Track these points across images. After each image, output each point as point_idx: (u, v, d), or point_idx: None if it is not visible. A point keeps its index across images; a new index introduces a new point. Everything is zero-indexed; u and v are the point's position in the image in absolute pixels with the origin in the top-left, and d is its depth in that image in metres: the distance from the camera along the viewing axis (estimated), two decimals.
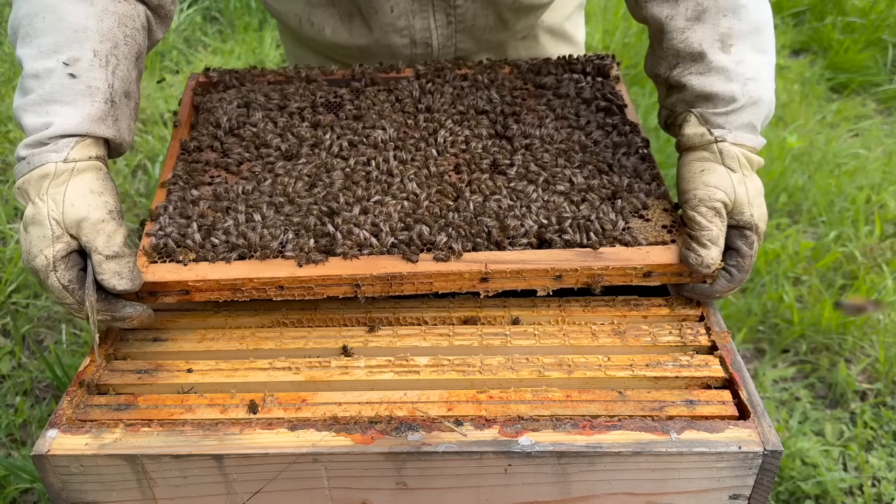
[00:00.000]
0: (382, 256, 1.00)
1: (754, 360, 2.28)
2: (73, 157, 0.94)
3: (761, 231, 1.00)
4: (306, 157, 1.16)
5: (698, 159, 1.02)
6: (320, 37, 1.42)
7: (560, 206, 1.06)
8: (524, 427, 0.88)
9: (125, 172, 2.98)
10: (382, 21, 1.36)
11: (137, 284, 0.95)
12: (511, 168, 1.13)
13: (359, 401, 0.92)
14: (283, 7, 1.41)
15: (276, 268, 0.98)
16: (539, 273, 0.99)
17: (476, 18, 1.39)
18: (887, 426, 2.06)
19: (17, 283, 2.36)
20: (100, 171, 0.97)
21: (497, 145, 1.18)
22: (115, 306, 0.96)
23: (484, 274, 0.99)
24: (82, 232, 0.92)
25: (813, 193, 2.85)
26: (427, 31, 1.39)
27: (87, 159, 0.95)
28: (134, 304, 0.98)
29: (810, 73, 3.68)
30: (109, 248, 0.92)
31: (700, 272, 0.99)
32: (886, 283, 2.42)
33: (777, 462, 0.86)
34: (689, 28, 1.04)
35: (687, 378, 0.95)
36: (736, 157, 1.00)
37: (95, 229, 0.92)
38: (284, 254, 1.00)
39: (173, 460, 0.86)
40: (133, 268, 0.94)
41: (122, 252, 0.93)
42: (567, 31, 1.59)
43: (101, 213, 0.93)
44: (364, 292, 1.00)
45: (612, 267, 0.99)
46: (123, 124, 1.01)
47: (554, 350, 1.00)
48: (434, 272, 0.98)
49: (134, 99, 1.04)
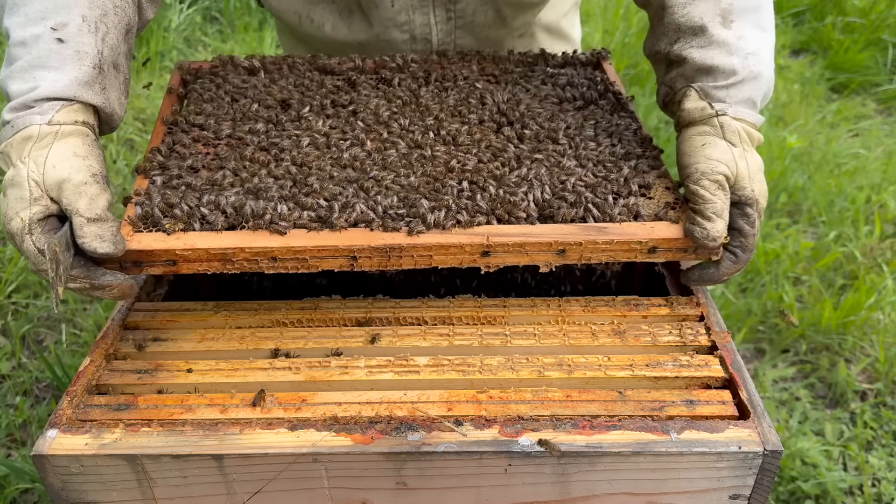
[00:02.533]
0: (379, 232, 0.96)
1: (754, 360, 2.28)
2: (58, 119, 0.90)
3: (762, 207, 0.99)
4: (297, 129, 1.13)
5: (699, 133, 1.01)
6: (320, 34, 1.42)
7: (565, 181, 1.03)
8: (524, 427, 0.88)
9: (125, 172, 2.98)
10: (383, 16, 1.36)
11: (121, 249, 0.91)
12: (512, 142, 1.11)
13: (359, 401, 0.92)
14: (282, 5, 1.41)
15: (270, 238, 0.94)
16: (542, 246, 0.96)
17: (475, 14, 1.39)
18: (887, 426, 2.06)
19: (17, 283, 2.36)
20: (86, 137, 0.92)
21: (497, 123, 1.16)
22: (95, 273, 0.91)
23: (486, 247, 0.95)
24: (63, 194, 0.88)
25: (813, 193, 2.85)
26: (427, 26, 1.39)
27: (72, 123, 0.91)
28: (115, 273, 0.93)
29: (810, 73, 3.68)
30: (92, 211, 0.88)
31: (707, 246, 0.97)
32: (886, 283, 2.42)
33: (777, 462, 0.86)
34: (691, 3, 1.04)
35: (687, 378, 0.95)
36: (737, 131, 0.99)
37: (77, 191, 0.88)
38: (279, 225, 0.96)
39: (173, 460, 0.86)
40: (116, 232, 0.90)
41: (106, 216, 0.89)
42: (564, 28, 1.59)
43: (84, 176, 0.89)
44: (361, 265, 0.96)
45: (616, 241, 0.96)
46: (112, 95, 0.97)
47: (554, 350, 1.00)
48: (434, 244, 0.95)
49: (123, 73, 1.01)
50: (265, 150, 1.10)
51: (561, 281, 1.29)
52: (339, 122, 1.16)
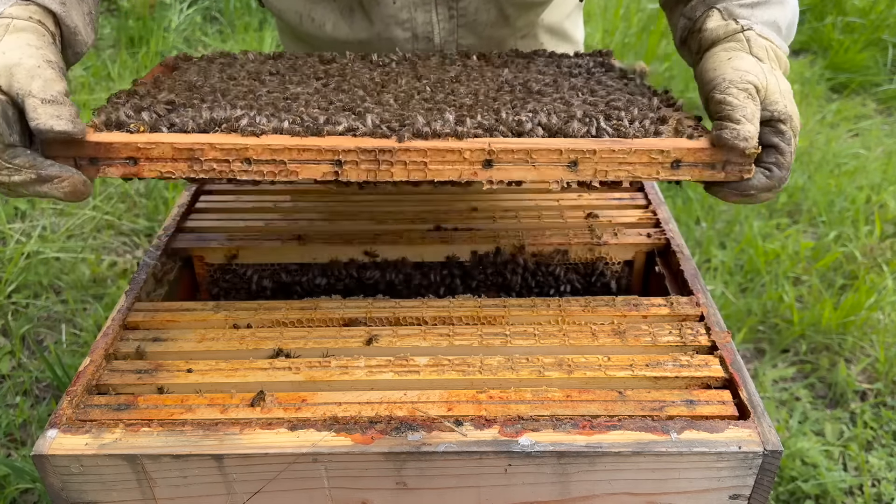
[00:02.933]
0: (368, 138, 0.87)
1: (754, 360, 2.28)
2: (11, 13, 0.85)
3: (796, 126, 0.91)
4: (284, 84, 1.06)
5: (724, 49, 0.95)
6: (321, 33, 1.42)
7: (574, 113, 0.94)
8: (524, 427, 0.88)
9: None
10: (384, 13, 1.36)
11: (80, 130, 0.82)
12: (516, 92, 1.04)
13: (359, 401, 0.92)
14: (283, 4, 1.41)
15: (243, 137, 0.85)
16: (552, 156, 0.85)
17: (478, 13, 1.39)
18: (887, 426, 2.06)
19: (17, 283, 2.37)
20: (42, 36, 0.86)
21: (499, 86, 1.10)
22: (42, 163, 0.83)
23: (488, 153, 0.85)
24: (14, 79, 0.81)
25: (813, 193, 2.85)
26: (429, 24, 1.39)
27: (27, 19, 0.86)
28: (64, 165, 0.84)
29: (810, 73, 3.68)
30: (46, 92, 0.80)
31: (738, 146, 0.87)
32: (886, 283, 2.42)
33: (777, 462, 0.86)
34: None
35: (687, 378, 0.95)
36: (764, 48, 0.94)
37: (30, 74, 0.81)
38: (256, 126, 0.86)
39: (173, 460, 0.86)
40: (75, 114, 0.82)
41: (63, 101, 0.81)
42: (567, 29, 1.59)
43: (38, 61, 0.82)
44: (347, 174, 0.85)
45: (635, 150, 0.86)
46: (74, 11, 0.91)
47: (554, 350, 1.00)
48: (430, 148, 0.85)
49: (88, 4, 0.95)
50: (249, 93, 1.03)
51: (560, 281, 1.29)
52: (331, 83, 1.09)
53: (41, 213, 2.73)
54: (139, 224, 2.78)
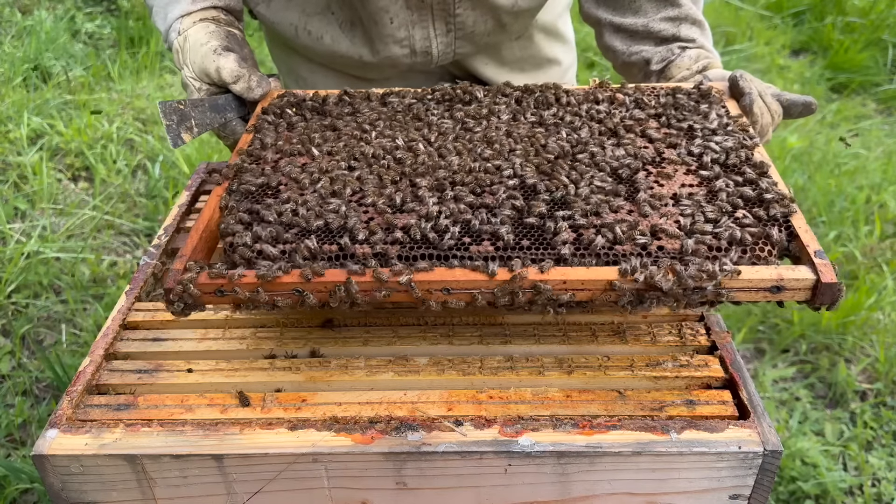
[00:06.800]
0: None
1: (754, 360, 2.28)
2: (183, 27, 1.25)
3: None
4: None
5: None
6: (318, 45, 1.42)
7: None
8: (524, 427, 0.88)
9: (125, 172, 2.98)
10: (382, 32, 1.36)
11: (266, 88, 1.23)
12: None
13: (359, 401, 0.92)
14: (277, 17, 1.42)
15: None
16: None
17: (476, 24, 1.39)
18: (887, 426, 2.06)
19: (17, 283, 2.37)
20: (206, 25, 1.25)
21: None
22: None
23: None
24: (215, 78, 1.22)
25: (813, 193, 2.85)
26: (427, 40, 1.39)
27: (191, 25, 1.25)
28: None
29: (810, 73, 3.68)
30: (231, 76, 1.21)
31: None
32: (886, 283, 2.42)
33: (777, 462, 0.86)
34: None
35: (687, 378, 0.95)
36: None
37: (221, 72, 1.21)
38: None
39: (173, 460, 0.86)
40: (259, 81, 1.23)
41: (240, 73, 1.21)
42: (559, 28, 1.61)
43: (213, 62, 1.21)
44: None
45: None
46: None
47: (554, 350, 1.00)
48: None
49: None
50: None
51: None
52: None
53: (41, 213, 2.73)
54: (139, 224, 2.78)
